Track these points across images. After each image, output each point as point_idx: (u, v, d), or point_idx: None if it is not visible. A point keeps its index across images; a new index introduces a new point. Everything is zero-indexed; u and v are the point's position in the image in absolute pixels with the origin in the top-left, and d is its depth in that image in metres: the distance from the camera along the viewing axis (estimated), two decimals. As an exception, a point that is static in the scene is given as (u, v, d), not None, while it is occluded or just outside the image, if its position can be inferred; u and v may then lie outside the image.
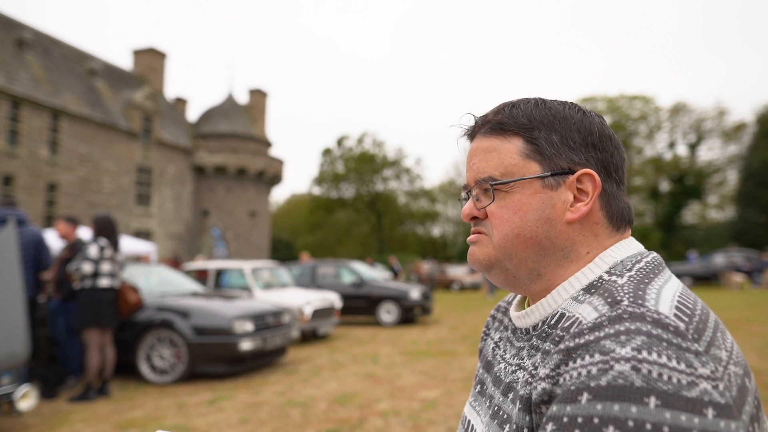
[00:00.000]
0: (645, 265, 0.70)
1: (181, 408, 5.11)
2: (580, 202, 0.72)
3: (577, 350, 0.58)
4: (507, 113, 0.76)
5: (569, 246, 0.72)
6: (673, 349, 0.55)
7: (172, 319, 6.30)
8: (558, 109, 0.75)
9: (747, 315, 11.70)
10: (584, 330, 0.60)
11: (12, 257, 4.16)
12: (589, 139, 0.74)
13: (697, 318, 0.60)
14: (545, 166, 0.73)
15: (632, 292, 0.62)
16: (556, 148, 0.73)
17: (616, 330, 0.57)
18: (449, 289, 28.13)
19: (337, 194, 53.18)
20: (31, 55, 27.77)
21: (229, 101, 42.06)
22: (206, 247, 35.98)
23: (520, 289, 0.77)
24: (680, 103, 40.88)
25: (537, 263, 0.73)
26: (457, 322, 12.74)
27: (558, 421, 0.56)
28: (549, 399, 0.60)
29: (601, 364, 0.55)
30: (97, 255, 5.54)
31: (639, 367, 0.53)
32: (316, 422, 4.57)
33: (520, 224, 0.72)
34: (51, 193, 27.50)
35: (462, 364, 7.18)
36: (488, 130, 0.77)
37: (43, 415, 4.87)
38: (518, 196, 0.72)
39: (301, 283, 12.52)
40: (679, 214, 40.82)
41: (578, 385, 0.56)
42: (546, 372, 0.61)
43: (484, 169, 0.75)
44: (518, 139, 0.74)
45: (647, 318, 0.57)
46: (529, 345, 0.74)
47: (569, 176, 0.72)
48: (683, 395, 0.52)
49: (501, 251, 0.74)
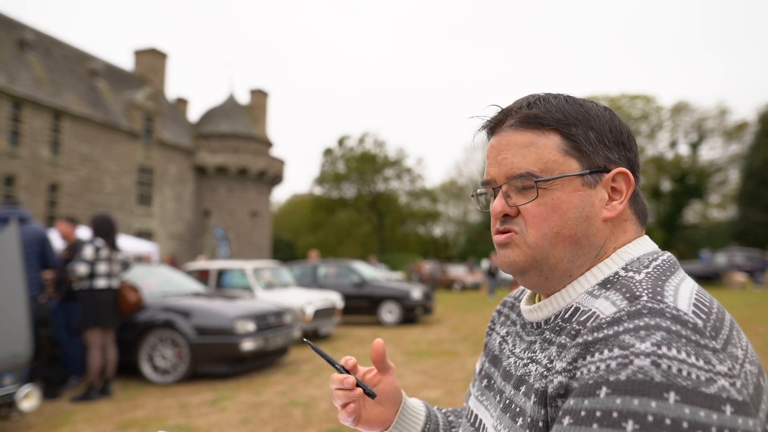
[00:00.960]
0: (661, 263, 0.70)
1: (183, 408, 5.11)
2: (614, 200, 0.72)
3: (596, 344, 0.58)
4: (542, 107, 0.73)
5: (602, 243, 0.72)
6: (692, 345, 0.55)
7: (173, 319, 6.30)
8: (589, 107, 0.75)
9: (749, 315, 11.68)
10: (603, 324, 0.60)
11: (14, 257, 4.16)
12: (620, 138, 0.74)
13: (714, 316, 0.61)
14: (584, 163, 0.71)
15: (651, 288, 0.62)
16: (594, 146, 0.72)
17: (635, 325, 0.57)
18: (450, 289, 28.12)
19: (338, 194, 53.20)
20: (32, 56, 27.81)
21: (230, 101, 42.09)
22: (208, 247, 36.00)
23: (549, 288, 0.75)
24: (682, 102, 40.86)
25: (572, 263, 0.72)
26: (459, 322, 12.74)
27: (575, 415, 0.56)
28: (565, 392, 0.60)
29: (620, 359, 0.55)
30: (92, 256, 5.54)
31: (659, 363, 0.53)
32: (317, 422, 4.57)
33: (560, 223, 0.70)
34: (52, 193, 27.54)
35: (463, 364, 7.18)
36: (520, 123, 0.73)
37: (45, 415, 4.88)
38: (558, 194, 0.70)
39: (303, 283, 12.52)
40: (680, 214, 40.77)
41: (597, 379, 0.56)
42: (563, 365, 0.61)
43: (520, 165, 0.72)
44: (556, 135, 0.72)
45: (666, 314, 0.57)
46: (541, 339, 0.73)
47: (605, 174, 0.72)
48: (702, 391, 0.52)
49: (538, 251, 0.71)
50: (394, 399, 0.88)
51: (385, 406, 0.88)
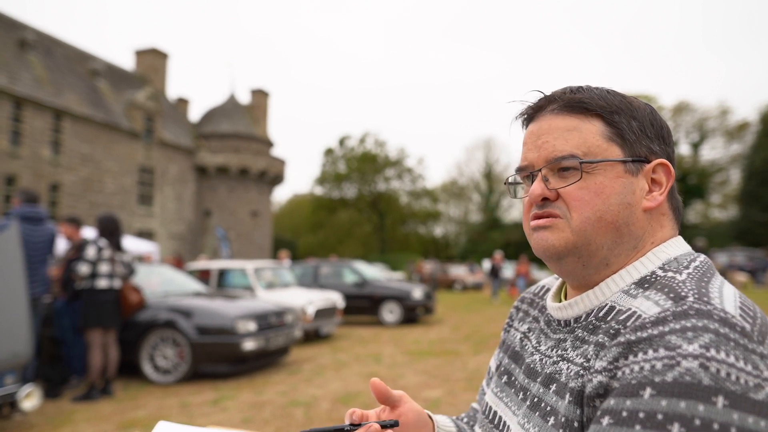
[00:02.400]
0: (700, 264, 0.68)
1: (184, 408, 5.11)
2: (654, 191, 0.72)
3: (639, 344, 0.57)
4: (586, 93, 0.73)
5: (641, 235, 0.71)
6: (740, 349, 0.53)
7: (175, 318, 6.30)
8: (631, 99, 0.74)
9: None
10: (647, 324, 0.58)
11: (15, 257, 4.16)
12: (660, 132, 0.74)
13: (759, 321, 0.59)
14: (627, 150, 0.71)
15: (696, 289, 0.61)
16: (636, 135, 0.71)
17: (682, 326, 0.56)
18: (451, 289, 28.11)
19: (339, 194, 53.21)
20: (33, 56, 27.83)
21: (231, 101, 42.09)
22: (208, 247, 36.02)
23: (582, 279, 0.73)
24: (683, 102, 40.86)
25: (611, 251, 0.70)
26: (460, 322, 12.73)
27: (616, 415, 0.54)
28: (605, 392, 0.58)
29: (666, 360, 0.54)
30: (94, 256, 5.54)
31: (707, 365, 0.52)
32: (319, 422, 4.56)
33: (603, 207, 0.68)
34: (53, 193, 27.56)
35: (465, 363, 7.17)
36: (564, 107, 0.73)
37: (46, 415, 4.88)
38: (600, 179, 0.69)
39: (304, 282, 12.51)
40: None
41: (640, 380, 0.54)
42: (603, 365, 0.60)
43: (563, 148, 0.71)
44: (599, 121, 0.71)
45: (714, 316, 0.56)
46: (572, 337, 0.71)
47: (646, 164, 0.72)
48: (750, 397, 0.51)
49: (580, 235, 0.69)
50: (421, 423, 0.83)
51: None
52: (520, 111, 0.78)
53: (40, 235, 5.32)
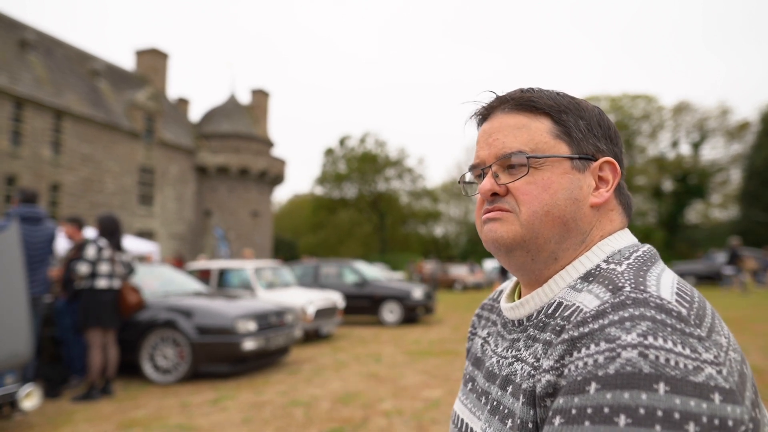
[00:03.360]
0: (641, 254, 0.70)
1: (184, 407, 5.11)
2: (602, 188, 0.74)
3: (582, 339, 0.57)
4: (536, 93, 0.75)
5: (588, 230, 0.73)
6: (677, 334, 0.54)
7: (175, 318, 6.30)
8: (580, 100, 0.77)
9: (751, 314, 11.65)
10: (587, 318, 0.59)
11: (15, 256, 4.16)
12: (607, 132, 0.76)
13: (696, 304, 0.60)
14: (573, 148, 0.73)
15: (633, 279, 0.62)
16: (583, 134, 0.74)
17: (620, 316, 0.56)
18: (452, 288, 28.10)
19: (339, 194, 53.19)
20: (33, 56, 27.84)
21: (231, 101, 42.09)
22: (209, 247, 36.02)
23: (532, 273, 0.74)
24: (683, 102, 40.80)
25: (558, 245, 0.72)
26: (460, 321, 12.72)
27: (566, 414, 0.55)
28: (554, 391, 0.59)
29: (607, 353, 0.54)
30: (94, 256, 5.54)
31: (646, 353, 0.52)
32: (319, 422, 4.56)
33: (551, 202, 0.70)
34: (54, 193, 27.56)
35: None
36: (514, 107, 0.75)
37: (46, 415, 4.88)
38: (548, 174, 0.71)
39: (304, 282, 12.51)
40: (682, 214, 40.71)
41: (585, 375, 0.55)
42: (550, 364, 0.60)
43: (511, 144, 0.73)
44: (547, 119, 0.74)
45: (650, 303, 0.57)
46: (525, 336, 0.72)
47: (593, 162, 0.74)
48: (691, 380, 0.52)
49: (528, 229, 0.71)
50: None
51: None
52: (475, 111, 0.80)
53: (40, 235, 5.32)
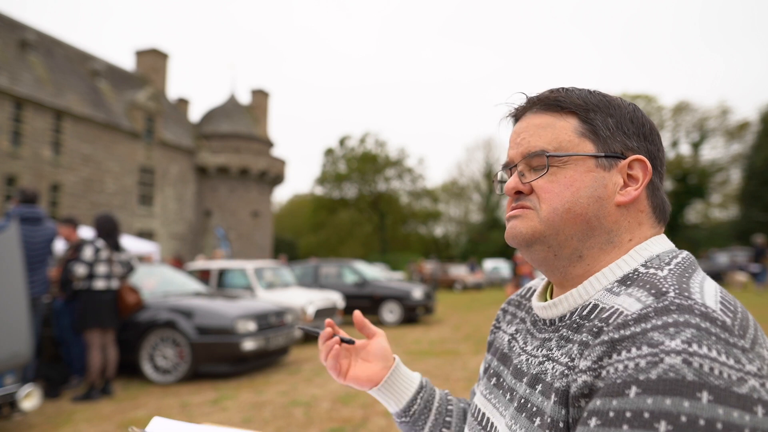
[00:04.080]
0: (681, 260, 0.69)
1: (184, 407, 5.11)
2: (630, 187, 0.72)
3: (623, 342, 0.56)
4: (563, 93, 0.75)
5: (615, 230, 0.72)
6: (722, 343, 0.53)
7: (175, 318, 6.30)
8: (613, 98, 0.77)
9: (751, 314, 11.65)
10: (629, 321, 0.58)
11: (14, 257, 4.16)
12: (641, 129, 0.75)
13: (740, 315, 0.59)
14: (599, 146, 0.73)
15: (677, 285, 0.61)
16: (611, 131, 0.73)
17: (664, 322, 0.55)
18: (452, 289, 28.10)
19: (339, 194, 53.18)
20: (34, 56, 27.85)
21: (232, 101, 42.10)
22: (209, 247, 36.02)
23: (557, 270, 0.74)
24: (683, 102, 40.80)
25: (582, 243, 0.72)
26: (460, 321, 12.72)
27: (603, 416, 0.54)
28: (590, 392, 0.58)
29: (650, 357, 0.53)
30: (91, 257, 5.53)
31: (690, 361, 0.52)
32: (319, 422, 4.56)
33: (572, 199, 0.71)
34: (54, 193, 27.57)
35: (465, 363, 7.17)
36: (542, 107, 0.76)
37: (46, 415, 4.88)
38: (571, 172, 0.71)
39: (304, 282, 12.51)
40: (682, 214, 40.69)
41: (625, 378, 0.54)
42: (587, 364, 0.59)
43: (536, 144, 0.74)
44: (574, 118, 0.74)
45: (695, 311, 0.56)
46: (557, 336, 0.72)
47: (621, 160, 0.73)
48: (734, 391, 0.51)
49: (548, 225, 0.71)
50: (383, 359, 0.94)
51: (372, 364, 0.94)
52: (508, 112, 0.81)
53: (39, 235, 5.31)
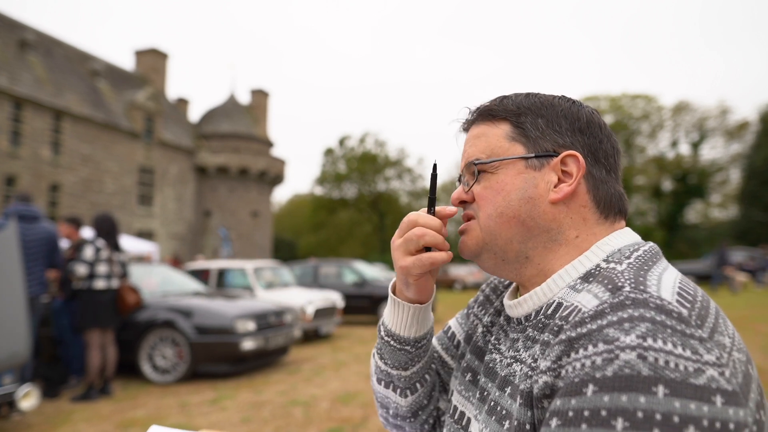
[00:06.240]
0: (643, 253, 0.68)
1: (184, 407, 5.10)
2: (564, 183, 0.72)
3: (580, 340, 0.56)
4: (498, 102, 0.78)
5: (555, 228, 0.72)
6: (678, 335, 0.53)
7: (174, 318, 6.30)
8: (547, 98, 0.77)
9: (751, 314, 11.65)
10: (585, 318, 0.58)
11: (13, 256, 4.15)
12: (576, 124, 0.75)
13: (698, 304, 0.59)
14: (529, 147, 0.74)
15: (633, 278, 0.60)
16: (541, 131, 0.74)
17: (619, 317, 0.55)
18: (451, 288, 28.09)
19: (339, 194, 53.16)
20: (33, 56, 27.83)
21: (231, 101, 42.09)
22: (209, 247, 36.02)
23: (511, 273, 0.76)
24: (683, 101, 40.77)
25: (523, 244, 0.73)
26: (460, 321, 12.71)
27: (563, 416, 0.54)
28: (551, 393, 0.58)
29: (605, 354, 0.53)
30: (92, 257, 5.53)
31: (645, 355, 0.51)
32: (318, 421, 4.56)
33: (504, 203, 0.72)
34: (53, 193, 27.56)
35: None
36: (481, 118, 0.79)
37: (45, 415, 4.87)
38: (502, 177, 0.73)
39: (304, 282, 12.51)
40: (681, 214, 40.68)
41: (582, 377, 0.54)
42: (547, 365, 0.59)
43: (473, 153, 0.77)
44: (506, 124, 0.76)
45: (650, 304, 0.56)
46: (524, 336, 0.72)
47: (553, 158, 0.73)
48: (691, 383, 0.51)
49: (487, 232, 0.74)
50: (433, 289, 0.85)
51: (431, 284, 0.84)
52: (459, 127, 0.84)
53: (35, 233, 5.29)
